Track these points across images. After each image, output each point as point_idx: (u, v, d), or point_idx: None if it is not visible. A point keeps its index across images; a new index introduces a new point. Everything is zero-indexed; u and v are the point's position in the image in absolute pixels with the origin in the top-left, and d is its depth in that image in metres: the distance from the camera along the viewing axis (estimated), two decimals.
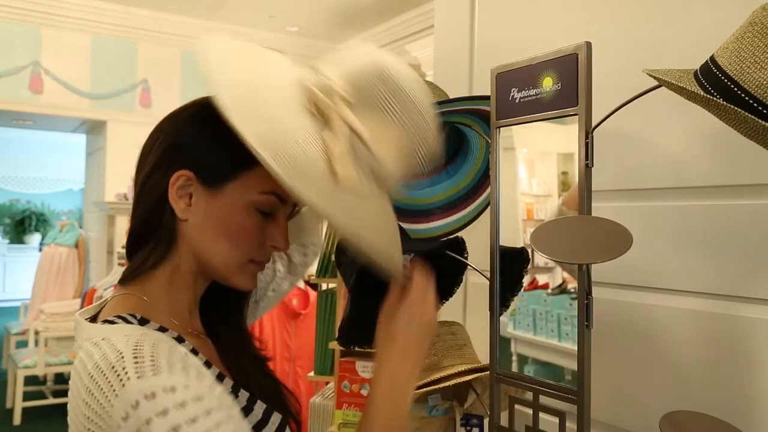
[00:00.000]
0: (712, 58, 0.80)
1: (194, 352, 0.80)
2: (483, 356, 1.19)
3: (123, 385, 0.66)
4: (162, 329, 0.79)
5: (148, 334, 0.73)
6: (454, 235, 1.15)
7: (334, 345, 1.76)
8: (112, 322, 0.76)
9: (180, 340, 0.79)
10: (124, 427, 0.65)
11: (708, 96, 0.76)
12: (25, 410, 4.61)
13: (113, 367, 0.67)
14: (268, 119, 0.70)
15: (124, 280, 0.84)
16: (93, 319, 0.82)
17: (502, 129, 1.04)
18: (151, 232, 0.82)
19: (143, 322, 0.78)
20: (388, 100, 0.75)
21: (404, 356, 0.83)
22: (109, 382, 0.67)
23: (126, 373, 0.66)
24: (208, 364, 0.80)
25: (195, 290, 0.87)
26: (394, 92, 0.75)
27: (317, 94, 0.74)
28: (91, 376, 0.69)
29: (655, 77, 0.83)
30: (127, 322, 0.77)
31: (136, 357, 0.68)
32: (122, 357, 0.68)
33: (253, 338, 0.98)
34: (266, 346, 1.00)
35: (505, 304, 1.17)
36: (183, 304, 0.85)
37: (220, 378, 0.80)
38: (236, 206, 0.79)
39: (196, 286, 0.86)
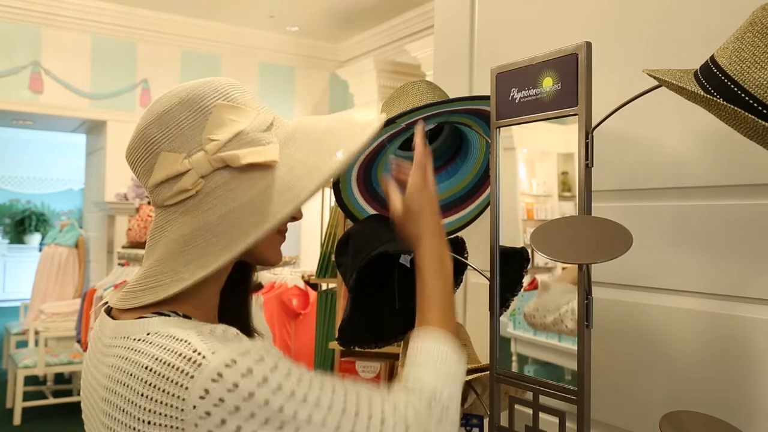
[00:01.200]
0: (712, 58, 0.80)
1: None
2: (483, 356, 1.19)
3: (200, 365, 0.66)
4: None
5: (198, 324, 0.74)
6: (454, 235, 1.15)
7: (334, 345, 1.76)
8: (158, 315, 0.77)
9: None
10: (200, 406, 0.65)
11: (708, 96, 0.76)
12: (25, 410, 4.61)
13: (181, 354, 0.67)
14: None
15: None
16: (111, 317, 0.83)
17: (502, 129, 1.04)
18: None
19: (186, 317, 0.79)
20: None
21: (434, 230, 0.93)
22: (180, 369, 0.66)
23: (200, 354, 0.67)
24: None
25: (219, 283, 0.87)
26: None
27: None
28: (152, 371, 0.68)
29: (655, 77, 0.83)
30: (162, 314, 0.77)
31: (202, 337, 0.69)
32: (188, 342, 0.68)
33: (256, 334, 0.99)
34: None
35: (505, 304, 1.18)
36: (209, 297, 0.86)
37: None
38: None
39: (221, 278, 0.87)
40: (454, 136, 1.30)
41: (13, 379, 4.80)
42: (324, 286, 2.09)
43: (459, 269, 1.22)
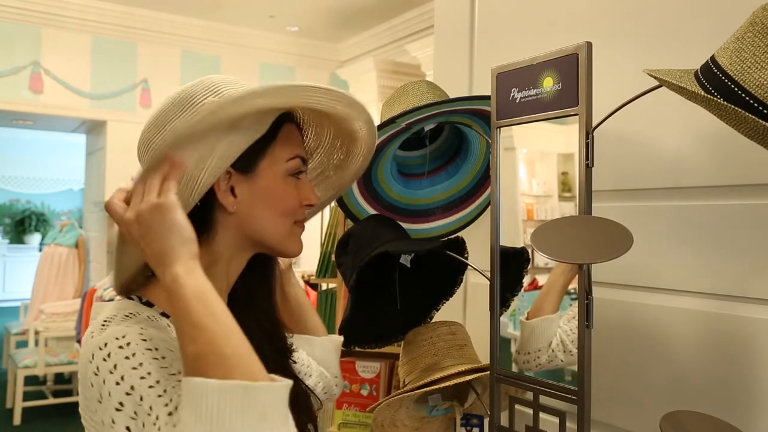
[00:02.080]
0: (712, 58, 0.80)
1: None
2: (483, 356, 1.19)
3: (86, 343, 0.72)
4: (165, 315, 0.81)
5: (136, 308, 0.79)
6: (454, 235, 1.15)
7: None
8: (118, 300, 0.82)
9: None
10: (82, 383, 0.72)
11: (708, 96, 0.76)
12: (25, 410, 4.61)
13: (92, 333, 0.74)
14: None
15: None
16: None
17: (502, 129, 1.04)
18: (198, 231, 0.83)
19: (149, 304, 0.81)
20: None
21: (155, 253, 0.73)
22: (86, 348, 0.73)
23: (92, 333, 0.74)
24: None
25: (229, 279, 0.89)
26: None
27: None
28: (86, 343, 0.75)
29: (655, 77, 0.83)
30: (129, 299, 0.81)
31: (105, 320, 0.75)
32: (101, 325, 0.75)
33: (282, 328, 0.99)
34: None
35: (505, 304, 1.18)
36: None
37: None
38: (274, 178, 0.86)
39: (230, 274, 0.89)
40: (454, 136, 1.30)
41: (13, 379, 4.80)
42: (324, 286, 2.09)
43: (459, 269, 1.22)
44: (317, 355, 1.10)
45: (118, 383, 0.68)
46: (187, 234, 0.73)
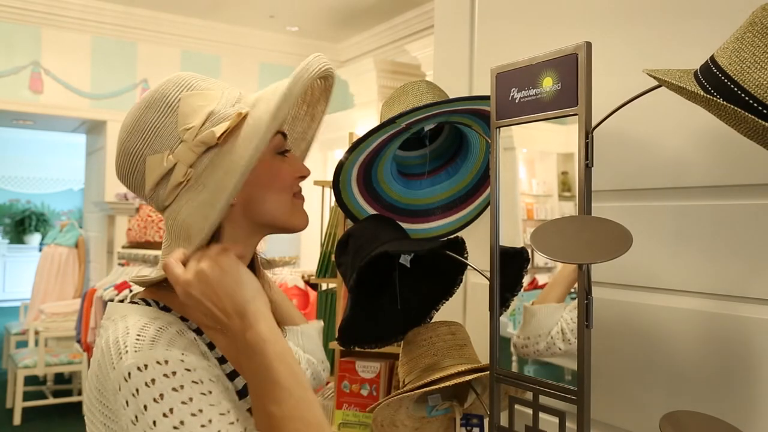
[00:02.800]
0: (712, 58, 0.80)
1: (211, 346, 0.82)
2: (483, 356, 1.19)
3: (120, 358, 0.70)
4: (183, 319, 0.81)
5: (161, 317, 0.77)
6: (454, 235, 1.15)
7: (334, 345, 1.76)
8: (135, 303, 0.81)
9: (199, 332, 0.82)
10: (113, 401, 0.69)
11: (708, 96, 0.76)
12: (25, 410, 4.61)
13: (117, 342, 0.72)
14: None
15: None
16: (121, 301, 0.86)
17: (502, 129, 1.04)
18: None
19: (166, 309, 0.81)
20: None
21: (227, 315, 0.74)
22: (111, 356, 0.71)
23: (126, 347, 0.71)
24: (223, 360, 0.82)
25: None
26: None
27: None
28: (102, 351, 0.73)
29: (655, 77, 0.83)
30: (147, 304, 0.81)
31: (139, 334, 0.72)
32: (127, 333, 0.72)
33: None
34: None
35: (505, 304, 1.18)
36: None
37: (232, 376, 0.82)
38: (263, 160, 0.85)
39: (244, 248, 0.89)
40: (454, 136, 1.30)
41: (13, 379, 4.80)
42: (324, 286, 2.09)
43: (459, 269, 1.22)
44: (302, 343, 1.11)
45: (165, 415, 0.67)
46: (257, 285, 0.74)
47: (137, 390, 0.67)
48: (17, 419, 4.54)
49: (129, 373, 0.68)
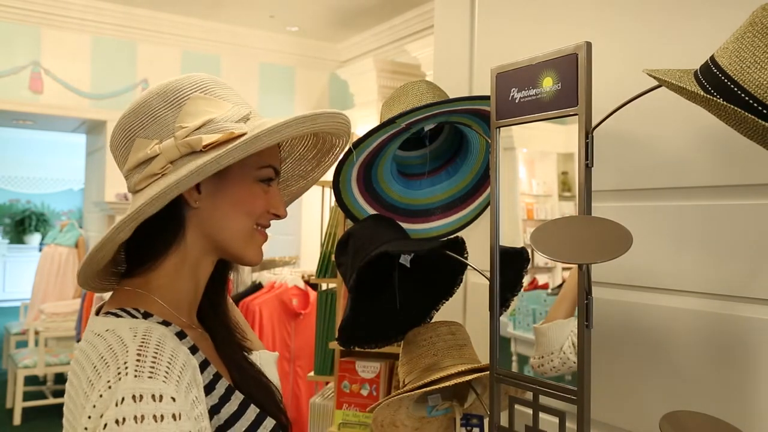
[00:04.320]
0: (712, 58, 0.80)
1: (194, 349, 0.81)
2: (483, 356, 1.19)
3: (119, 379, 0.67)
4: (165, 323, 0.80)
5: (154, 328, 0.75)
6: (454, 235, 1.15)
7: (334, 345, 1.76)
8: (116, 315, 0.79)
9: (182, 335, 0.81)
10: (95, 419, 0.67)
11: (708, 96, 0.76)
12: (25, 410, 4.61)
13: (117, 358, 0.69)
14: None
15: (127, 274, 0.87)
16: (96, 312, 0.84)
17: (502, 129, 1.04)
18: (160, 226, 0.84)
19: (146, 316, 0.80)
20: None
21: None
22: (108, 373, 0.68)
23: (126, 367, 0.68)
24: (206, 363, 0.82)
25: (198, 282, 0.89)
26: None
27: None
28: (95, 368, 0.70)
29: (655, 77, 0.83)
30: (132, 316, 0.79)
31: (139, 354, 0.70)
32: (126, 351, 0.70)
33: (237, 330, 0.99)
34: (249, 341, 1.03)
35: (505, 304, 1.18)
36: (185, 295, 0.87)
37: (216, 378, 0.81)
38: (242, 181, 0.86)
39: (199, 276, 0.89)
40: (454, 136, 1.30)
41: (13, 379, 4.80)
42: (324, 286, 2.09)
43: (459, 269, 1.22)
44: (259, 367, 1.11)
45: None
46: None
47: (123, 419, 0.65)
48: (17, 419, 4.54)
49: (123, 398, 0.66)
